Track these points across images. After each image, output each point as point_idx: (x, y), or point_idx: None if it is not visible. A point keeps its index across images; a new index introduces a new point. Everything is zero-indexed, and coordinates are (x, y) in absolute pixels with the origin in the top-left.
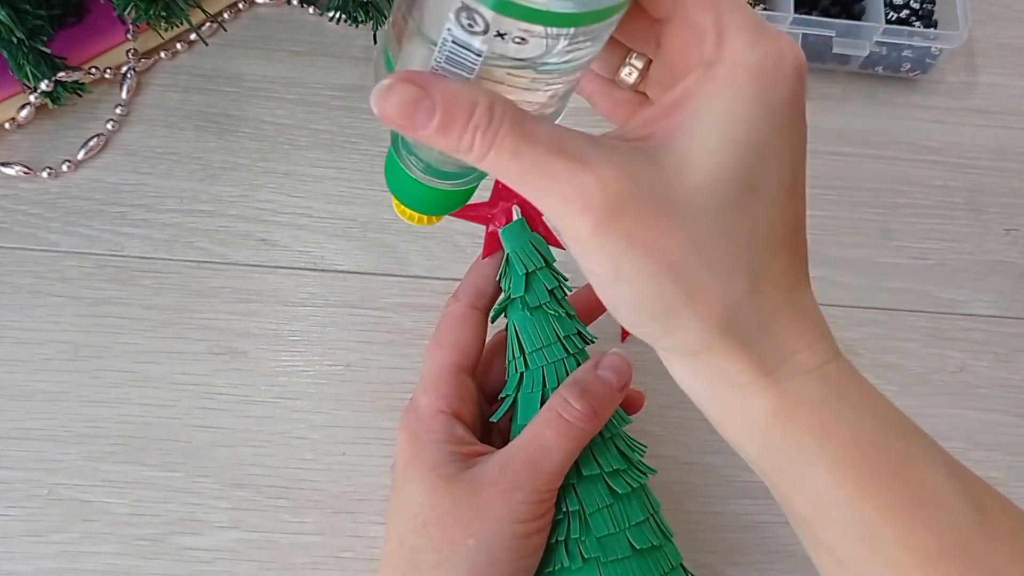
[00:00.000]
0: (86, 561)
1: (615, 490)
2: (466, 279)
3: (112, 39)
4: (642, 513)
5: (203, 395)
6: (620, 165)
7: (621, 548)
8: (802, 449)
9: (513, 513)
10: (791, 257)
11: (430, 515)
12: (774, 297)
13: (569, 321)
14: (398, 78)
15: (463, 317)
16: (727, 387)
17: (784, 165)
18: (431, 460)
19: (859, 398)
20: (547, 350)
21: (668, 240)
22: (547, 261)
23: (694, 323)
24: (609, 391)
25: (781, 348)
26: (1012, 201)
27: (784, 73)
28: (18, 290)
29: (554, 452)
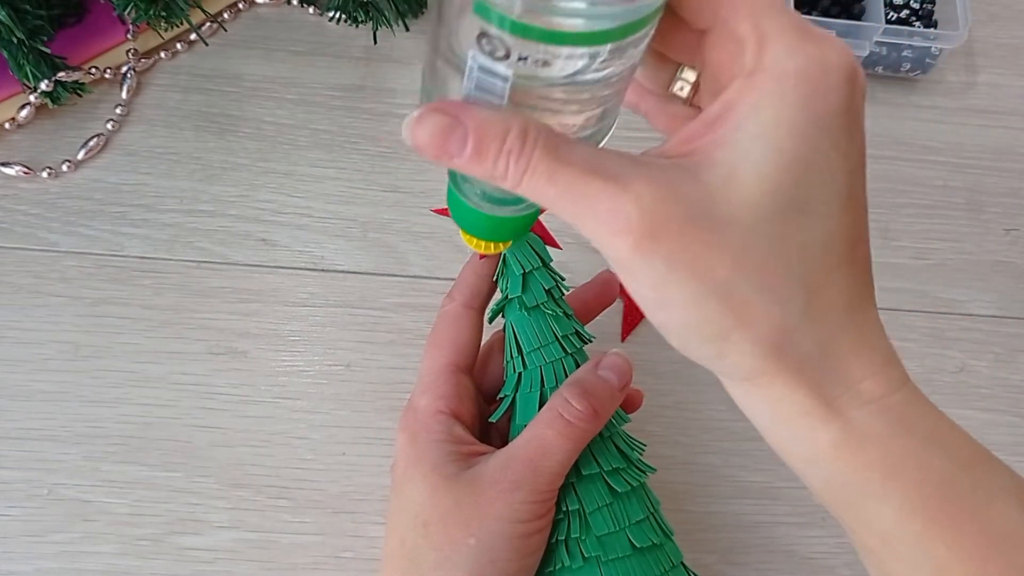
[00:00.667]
0: (86, 561)
1: (615, 489)
2: (461, 278)
3: (112, 39)
4: (642, 511)
5: (203, 395)
6: (659, 183)
7: (621, 547)
8: (867, 485)
9: (514, 513)
10: (851, 275)
11: (431, 515)
12: (833, 319)
13: (567, 320)
14: (428, 108)
15: (459, 317)
16: (787, 416)
17: (838, 175)
18: (431, 460)
19: (927, 430)
20: (545, 350)
21: (713, 260)
22: (544, 261)
23: (747, 346)
24: (610, 391)
25: (843, 375)
26: (1012, 201)
27: (831, 78)
28: (18, 290)
29: (555, 452)
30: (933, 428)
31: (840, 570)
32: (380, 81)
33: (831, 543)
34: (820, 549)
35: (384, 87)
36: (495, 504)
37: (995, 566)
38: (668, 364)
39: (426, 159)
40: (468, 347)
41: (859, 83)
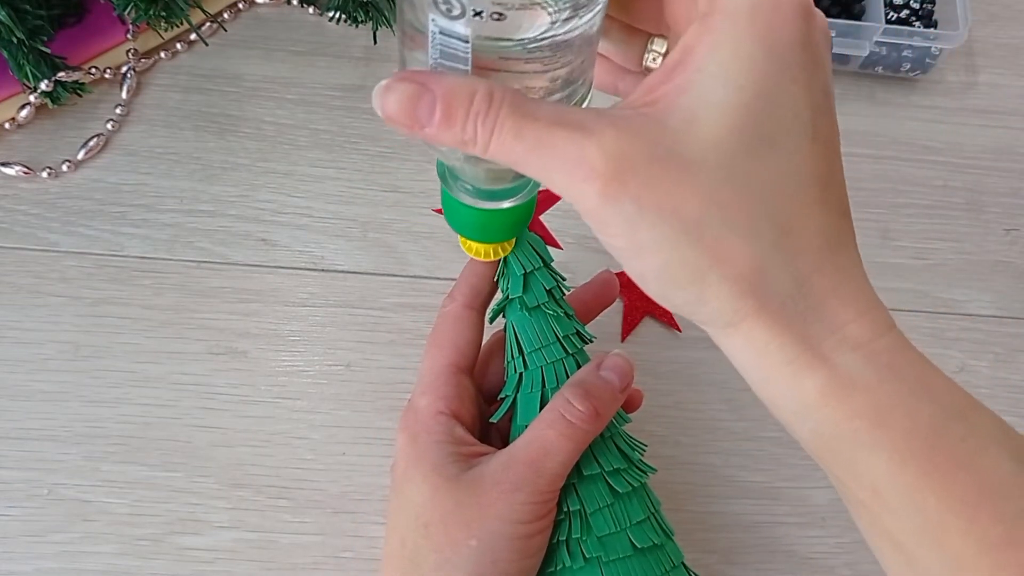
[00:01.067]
0: (86, 561)
1: (616, 489)
2: (462, 279)
3: (112, 39)
4: (643, 512)
5: (203, 395)
6: (623, 128)
7: (622, 547)
8: (857, 434)
9: (515, 513)
10: (825, 213)
11: (432, 516)
12: (810, 257)
13: (568, 321)
14: (396, 78)
15: (459, 318)
16: (772, 364)
17: (802, 109)
18: (432, 461)
19: (916, 377)
20: (546, 350)
21: (682, 199)
22: (545, 261)
23: (724, 287)
24: (611, 392)
25: (826, 318)
26: (1012, 201)
27: (784, 12)
28: (18, 290)
29: (556, 453)
30: (921, 375)
31: (840, 570)
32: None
33: (831, 543)
34: (820, 549)
35: None
36: (496, 505)
37: (986, 516)
38: (668, 364)
39: (400, 134)
40: (469, 348)
41: (815, 19)
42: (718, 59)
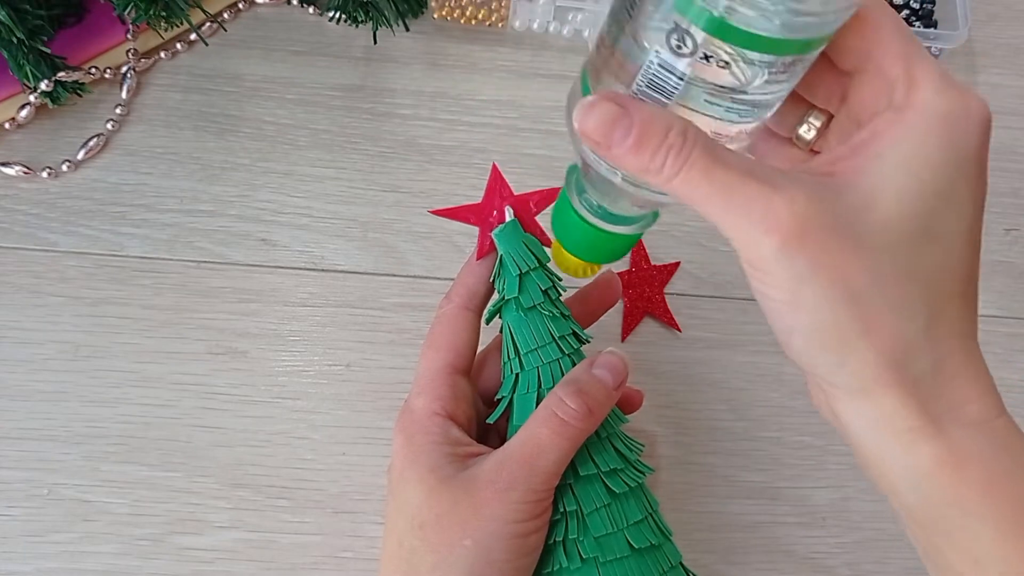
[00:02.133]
0: (86, 561)
1: (612, 490)
2: (459, 280)
3: (112, 39)
4: (640, 512)
5: (203, 395)
6: (809, 193)
7: (620, 547)
8: (965, 503)
9: (510, 513)
10: (965, 306)
11: (427, 517)
12: (948, 342)
13: (564, 321)
14: (601, 96)
15: (456, 318)
16: (893, 431)
17: (966, 212)
18: (428, 462)
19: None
20: (542, 351)
21: (851, 269)
22: (541, 261)
23: (869, 355)
24: (605, 390)
25: (951, 396)
26: (1012, 201)
27: (972, 125)
28: (18, 290)
29: (550, 451)
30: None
31: (840, 570)
32: (380, 81)
33: (831, 543)
34: (820, 549)
35: (384, 87)
36: (491, 505)
37: None
38: (668, 364)
39: (588, 144)
40: (465, 349)
41: (989, 134)
42: (905, 150)
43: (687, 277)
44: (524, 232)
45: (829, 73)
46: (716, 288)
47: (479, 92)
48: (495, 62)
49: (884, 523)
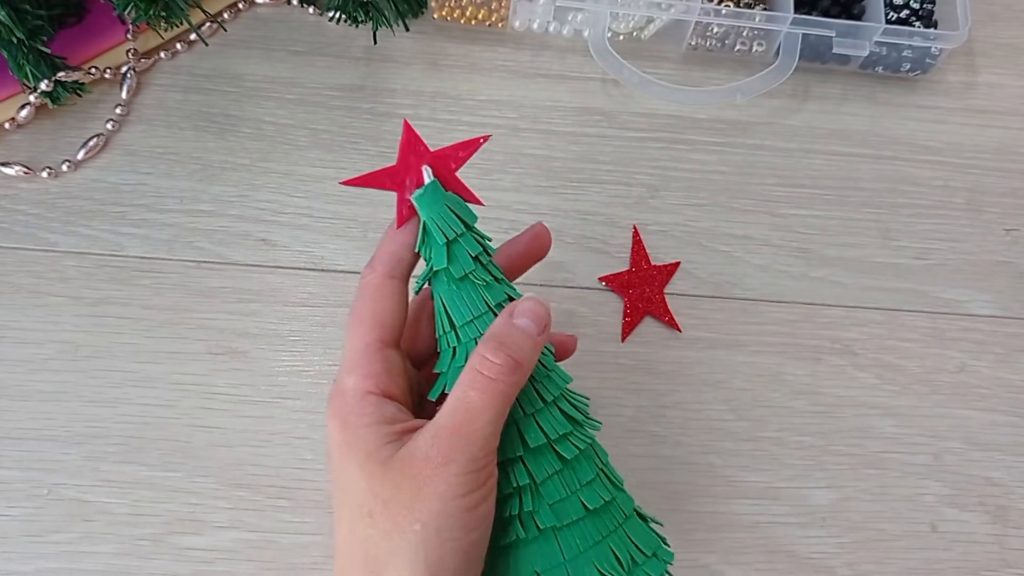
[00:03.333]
0: (86, 561)
1: (564, 456)
2: (381, 246)
3: (112, 39)
4: (592, 471)
5: (203, 395)
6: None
7: (575, 510)
8: None
9: (452, 488)
10: None
11: (374, 504)
12: None
13: (498, 286)
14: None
15: (380, 289)
16: None
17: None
18: (365, 446)
19: None
20: (479, 321)
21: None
22: (468, 224)
23: None
24: (528, 339)
25: None
26: (1012, 201)
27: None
28: (18, 290)
29: (482, 413)
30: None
31: (840, 570)
32: (380, 81)
33: (831, 543)
34: (820, 549)
35: (384, 87)
36: (432, 483)
37: None
38: (668, 364)
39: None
40: (394, 321)
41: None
42: None
43: (687, 277)
44: (446, 192)
45: None
46: (716, 288)
47: (479, 92)
48: (495, 62)
49: (884, 523)
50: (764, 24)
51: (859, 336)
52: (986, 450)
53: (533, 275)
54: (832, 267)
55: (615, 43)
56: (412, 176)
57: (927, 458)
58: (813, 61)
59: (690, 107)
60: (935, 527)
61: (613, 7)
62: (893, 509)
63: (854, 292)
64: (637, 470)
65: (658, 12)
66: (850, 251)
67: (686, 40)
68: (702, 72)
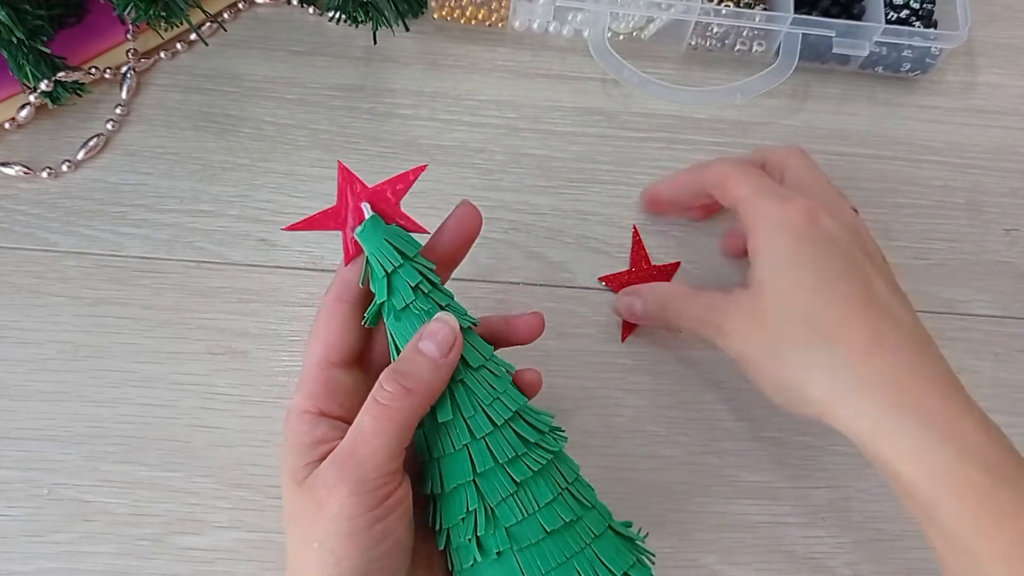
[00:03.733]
0: (86, 561)
1: (515, 478)
2: (337, 272)
3: (112, 39)
4: (551, 491)
5: (203, 395)
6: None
7: (534, 532)
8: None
9: (345, 509)
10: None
11: (289, 520)
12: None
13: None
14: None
15: (330, 310)
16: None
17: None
18: (289, 465)
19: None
20: None
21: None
22: (406, 255)
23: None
24: (426, 363)
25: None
26: (1012, 201)
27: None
28: (18, 290)
29: (372, 437)
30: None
31: (840, 570)
32: (380, 81)
33: (831, 543)
34: (820, 549)
35: (384, 87)
36: (327, 504)
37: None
38: (668, 364)
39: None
40: (339, 341)
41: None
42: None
43: (687, 277)
44: (388, 226)
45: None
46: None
47: (479, 92)
48: (495, 62)
49: (884, 523)
50: (764, 24)
51: None
52: None
53: (533, 275)
54: None
55: (615, 43)
56: (353, 214)
57: None
58: (813, 61)
59: (690, 107)
60: None
61: (613, 7)
62: (893, 509)
63: None
64: (637, 470)
65: (658, 12)
66: None
67: (686, 40)
68: (702, 72)
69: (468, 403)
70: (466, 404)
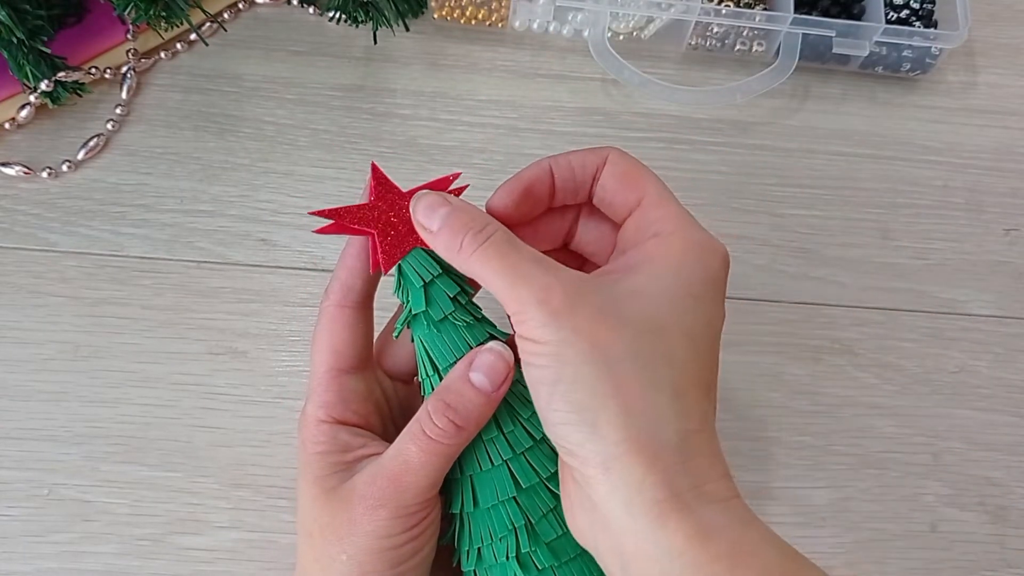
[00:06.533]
0: (86, 561)
1: (556, 492)
2: (334, 273)
3: (112, 39)
4: None
5: (203, 395)
6: (583, 279)
7: (572, 547)
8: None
9: (380, 530)
10: (707, 396)
11: (312, 527)
12: (691, 420)
13: (479, 326)
14: (435, 192)
15: (333, 318)
16: (643, 504)
17: (711, 323)
18: (313, 473)
19: (764, 533)
20: None
21: (611, 339)
22: (444, 266)
23: (619, 417)
24: (478, 399)
25: (694, 474)
26: (1012, 201)
27: (717, 256)
28: (18, 290)
29: (419, 468)
30: (766, 533)
31: (840, 570)
32: (380, 81)
33: (831, 543)
34: (820, 549)
35: (384, 87)
36: (363, 520)
37: None
38: None
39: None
40: (347, 348)
41: (728, 270)
42: (671, 261)
43: None
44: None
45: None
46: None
47: (479, 92)
48: (495, 62)
49: (884, 523)
50: (764, 24)
51: (859, 336)
52: (986, 450)
53: None
54: (832, 267)
55: (615, 43)
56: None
57: (927, 458)
58: (813, 61)
59: (690, 107)
60: (935, 527)
61: (613, 7)
62: (893, 509)
63: (854, 292)
64: None
65: (658, 12)
66: (850, 251)
67: (686, 40)
68: (702, 72)
69: (508, 418)
70: (505, 419)
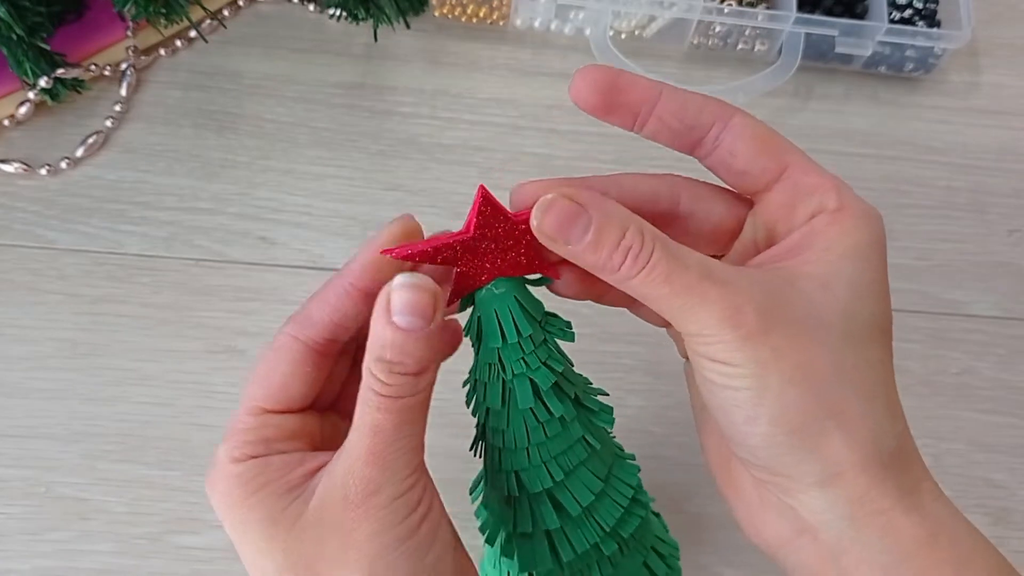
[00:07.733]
0: (84, 559)
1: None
2: (304, 305)
3: (112, 36)
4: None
5: (201, 393)
6: (766, 287)
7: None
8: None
9: (386, 518)
10: (895, 391)
11: (301, 572)
12: (901, 417)
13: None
14: (560, 193)
15: (280, 347)
16: (868, 514)
17: (886, 304)
18: (265, 516)
19: (973, 528)
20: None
21: (814, 357)
22: (534, 317)
23: (838, 436)
24: (413, 339)
25: (913, 474)
26: (1015, 202)
27: (880, 224)
28: (16, 287)
29: (395, 430)
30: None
31: None
32: (380, 79)
33: None
34: None
35: (384, 85)
36: (363, 523)
37: None
38: (668, 364)
39: (544, 241)
40: (283, 388)
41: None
42: (848, 243)
43: None
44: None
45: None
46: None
47: (480, 90)
48: (496, 60)
49: None
50: (767, 23)
51: None
52: (988, 452)
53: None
54: None
55: (617, 41)
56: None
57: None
58: (816, 60)
59: None
60: None
61: (615, 5)
62: None
63: None
64: None
65: (660, 11)
66: None
67: (688, 39)
68: (704, 71)
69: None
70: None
